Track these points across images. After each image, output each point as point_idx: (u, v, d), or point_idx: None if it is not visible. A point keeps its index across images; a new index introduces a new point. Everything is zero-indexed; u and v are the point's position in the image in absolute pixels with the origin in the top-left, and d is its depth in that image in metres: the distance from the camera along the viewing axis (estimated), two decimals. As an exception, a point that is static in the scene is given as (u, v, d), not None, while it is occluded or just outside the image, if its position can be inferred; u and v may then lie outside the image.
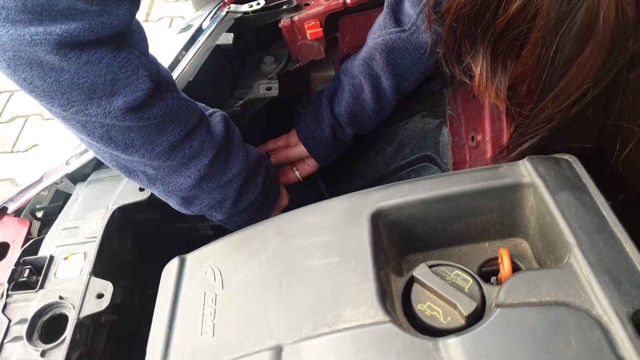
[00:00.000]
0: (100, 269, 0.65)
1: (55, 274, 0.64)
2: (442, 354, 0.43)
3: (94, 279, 0.62)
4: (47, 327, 0.60)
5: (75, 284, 0.62)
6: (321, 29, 0.86)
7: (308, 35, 0.86)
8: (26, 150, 2.26)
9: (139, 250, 0.80)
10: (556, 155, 0.56)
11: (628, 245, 0.46)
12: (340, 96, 0.86)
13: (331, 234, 0.56)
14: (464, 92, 1.01)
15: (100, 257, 0.65)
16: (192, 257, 0.61)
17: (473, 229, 0.58)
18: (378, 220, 0.56)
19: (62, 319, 0.60)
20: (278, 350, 0.48)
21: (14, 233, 0.75)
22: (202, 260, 0.60)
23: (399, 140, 1.06)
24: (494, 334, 0.43)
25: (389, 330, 0.45)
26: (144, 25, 0.62)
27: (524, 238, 0.57)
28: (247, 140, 0.92)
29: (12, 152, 2.26)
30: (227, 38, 0.82)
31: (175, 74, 0.78)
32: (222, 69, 0.84)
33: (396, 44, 0.81)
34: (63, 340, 0.57)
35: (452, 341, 0.43)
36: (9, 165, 2.20)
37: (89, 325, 0.61)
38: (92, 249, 0.65)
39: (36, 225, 0.79)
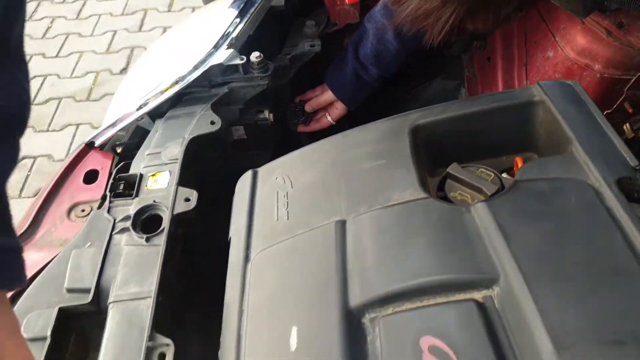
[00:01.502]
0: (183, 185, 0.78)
1: (146, 186, 0.78)
2: (472, 214, 0.56)
3: (181, 188, 0.76)
4: (145, 224, 0.73)
5: (165, 192, 0.76)
6: (357, -6, 1.00)
7: (346, 0, 0.99)
8: (61, 130, 2.41)
9: (201, 185, 0.93)
10: (561, 81, 0.69)
11: (616, 139, 0.59)
12: (365, 40, 0.97)
13: (378, 145, 0.69)
14: (480, 56, 1.15)
15: (182, 175, 0.79)
16: (262, 169, 0.75)
17: (493, 144, 0.71)
18: (416, 134, 0.69)
19: (157, 219, 0.74)
20: (342, 223, 0.61)
21: (101, 163, 0.89)
22: (272, 170, 0.73)
23: (422, 100, 1.19)
24: (512, 198, 0.56)
25: (430, 203, 0.59)
26: (167, 15, 0.72)
27: (535, 151, 0.71)
28: (294, 92, 1.05)
29: (48, 130, 2.41)
30: (279, 0, 0.95)
31: (236, 31, 0.92)
32: (274, 28, 0.98)
33: None
34: (162, 230, 0.71)
35: (479, 205, 0.56)
36: (46, 142, 2.34)
37: (175, 227, 0.74)
38: (176, 167, 0.79)
39: (116, 159, 0.93)
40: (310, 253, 0.60)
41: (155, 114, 0.89)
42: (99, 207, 0.80)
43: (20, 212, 2.08)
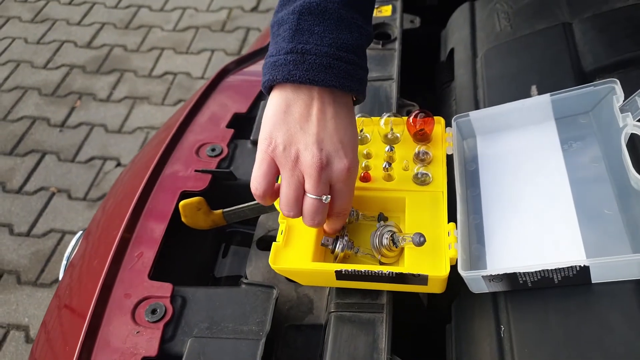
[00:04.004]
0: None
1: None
2: None
3: (405, 14, 0.90)
4: (377, 37, 0.88)
5: (392, 17, 0.91)
6: None
7: None
8: (198, 53, 2.64)
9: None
10: None
11: None
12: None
13: None
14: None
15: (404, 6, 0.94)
16: (479, 1, 0.88)
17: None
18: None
19: (387, 35, 0.89)
20: (568, 24, 0.73)
21: None
22: (488, 0, 0.86)
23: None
24: None
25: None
26: None
27: None
28: None
29: (187, 53, 2.65)
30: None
31: None
32: None
33: None
34: (395, 39, 0.86)
35: None
36: (185, 62, 2.58)
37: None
38: (398, 1, 0.93)
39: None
40: (539, 43, 0.73)
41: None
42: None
43: (163, 117, 2.30)
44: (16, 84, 2.48)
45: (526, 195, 0.55)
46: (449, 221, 0.54)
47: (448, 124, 0.65)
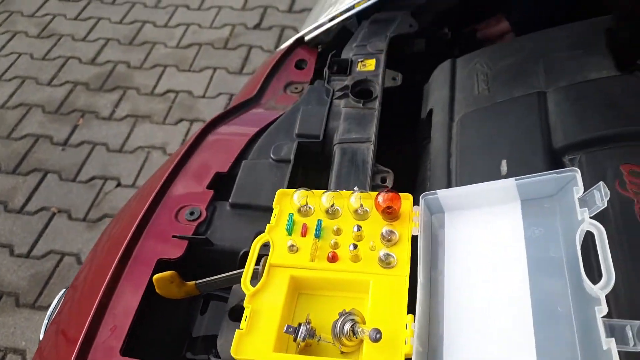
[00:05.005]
0: (384, 71, 0.94)
1: (356, 70, 0.94)
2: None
3: (388, 70, 0.92)
4: (358, 94, 0.90)
5: (374, 73, 0.92)
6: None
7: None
8: (200, 71, 2.66)
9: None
10: None
11: None
12: None
13: (574, 39, 0.81)
14: None
15: (387, 62, 0.95)
16: (461, 59, 0.89)
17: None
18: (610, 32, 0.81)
19: (368, 93, 0.90)
20: (543, 93, 0.74)
21: (307, 55, 1.07)
22: (470, 59, 0.88)
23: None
24: None
25: (628, 78, 0.71)
26: None
27: None
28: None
29: (189, 70, 2.67)
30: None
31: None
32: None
33: None
34: (376, 97, 0.87)
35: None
36: (187, 80, 2.61)
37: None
38: (382, 56, 0.95)
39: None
40: (513, 112, 0.74)
41: (362, 15, 1.05)
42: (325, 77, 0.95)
43: (164, 136, 2.30)
44: (21, 100, 2.52)
45: (487, 285, 0.56)
46: (410, 308, 0.55)
47: (420, 192, 0.65)
